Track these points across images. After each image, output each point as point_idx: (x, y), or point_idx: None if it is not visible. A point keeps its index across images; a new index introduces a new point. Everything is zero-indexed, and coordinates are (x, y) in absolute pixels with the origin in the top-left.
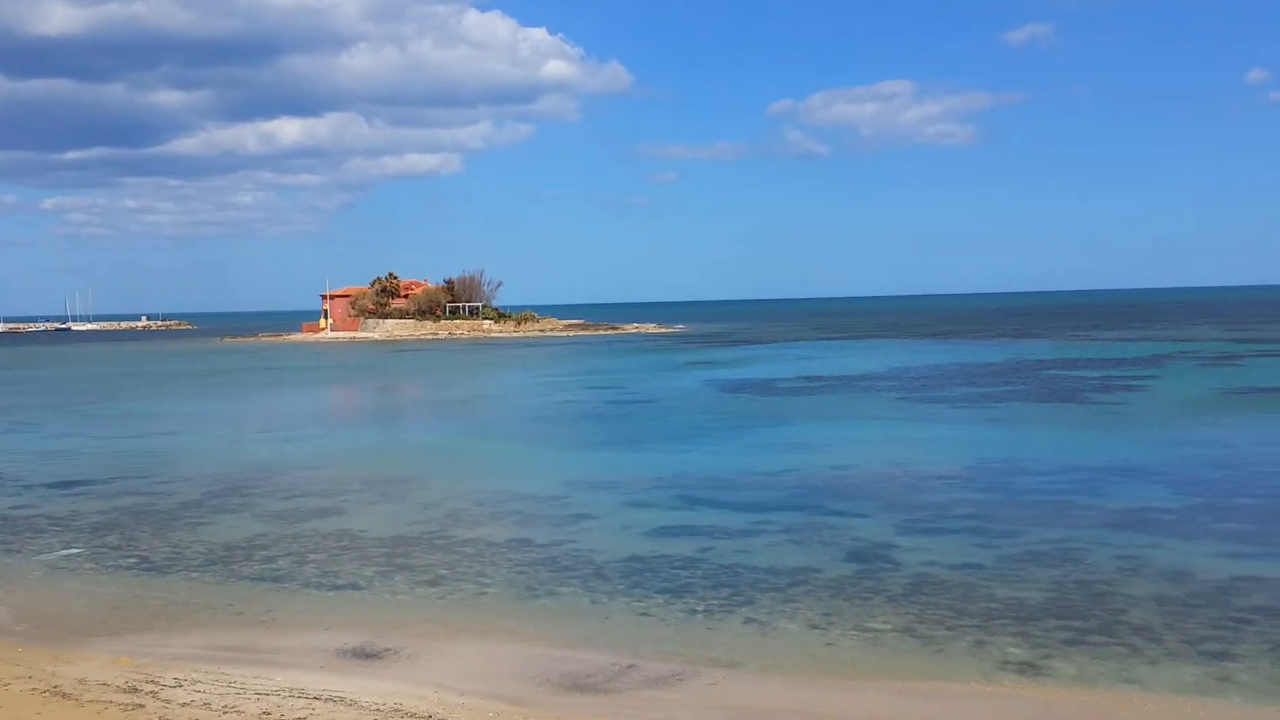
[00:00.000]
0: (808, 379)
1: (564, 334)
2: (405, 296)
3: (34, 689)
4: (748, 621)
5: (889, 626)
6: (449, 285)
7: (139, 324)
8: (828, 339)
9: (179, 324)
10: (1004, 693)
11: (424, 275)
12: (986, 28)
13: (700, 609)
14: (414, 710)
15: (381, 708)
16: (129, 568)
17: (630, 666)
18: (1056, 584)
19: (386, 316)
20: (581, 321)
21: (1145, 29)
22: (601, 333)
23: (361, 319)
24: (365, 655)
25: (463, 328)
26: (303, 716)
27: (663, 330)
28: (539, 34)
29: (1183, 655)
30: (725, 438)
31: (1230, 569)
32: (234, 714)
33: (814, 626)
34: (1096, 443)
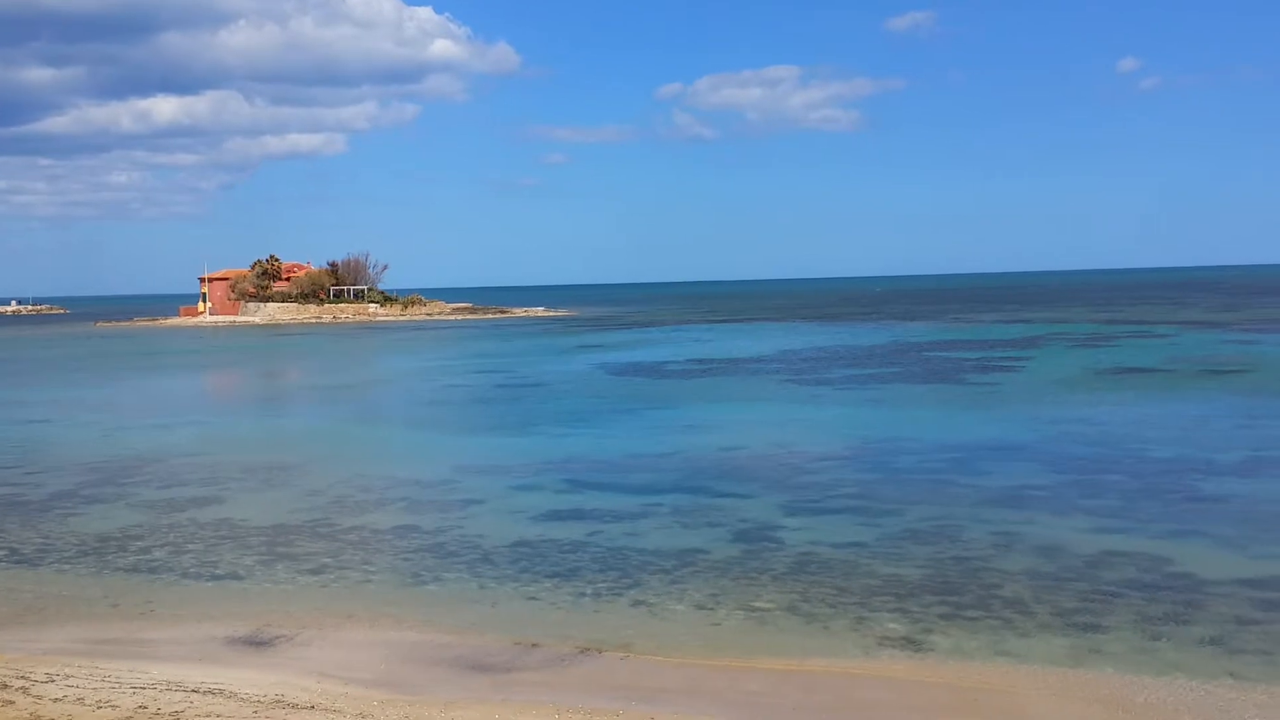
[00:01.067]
0: (697, 362)
1: (451, 317)
2: (288, 279)
3: None
4: (636, 604)
5: (774, 605)
6: (333, 268)
7: (9, 308)
8: (717, 322)
9: (52, 308)
10: (880, 673)
11: (307, 258)
12: (870, 14)
13: (589, 592)
14: (295, 701)
15: (262, 700)
16: None
17: (519, 651)
18: (934, 560)
19: (268, 300)
20: (469, 305)
21: (1023, 18)
22: (490, 316)
23: (242, 302)
24: (246, 646)
25: (347, 311)
26: (180, 710)
27: (552, 314)
28: (425, 13)
29: (1054, 628)
30: (614, 421)
31: (1099, 544)
32: (109, 708)
33: (701, 607)
34: (974, 422)
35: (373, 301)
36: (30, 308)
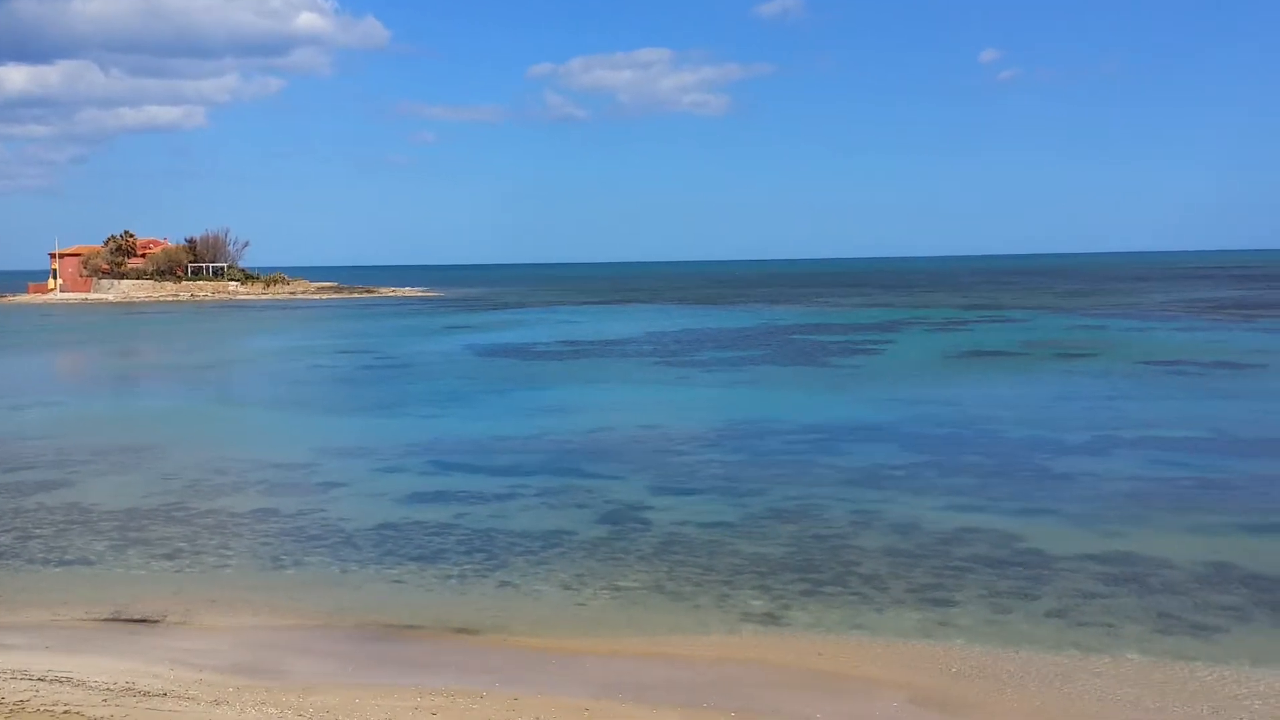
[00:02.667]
0: (567, 343)
1: (316, 297)
2: (143, 256)
3: None
4: (502, 585)
5: (640, 585)
6: (191, 244)
7: None
8: (588, 304)
9: None
10: (742, 648)
11: (165, 234)
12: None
13: (454, 574)
14: (147, 689)
15: (112, 687)
16: None
17: (382, 634)
18: (796, 539)
19: (123, 277)
20: (335, 284)
21: (890, 5)
22: (356, 296)
23: (95, 279)
24: (96, 634)
25: (206, 289)
26: (25, 699)
27: (421, 294)
28: None
29: (908, 602)
30: (483, 402)
31: (953, 521)
32: None
33: (567, 587)
34: (837, 404)
35: (233, 279)
36: None
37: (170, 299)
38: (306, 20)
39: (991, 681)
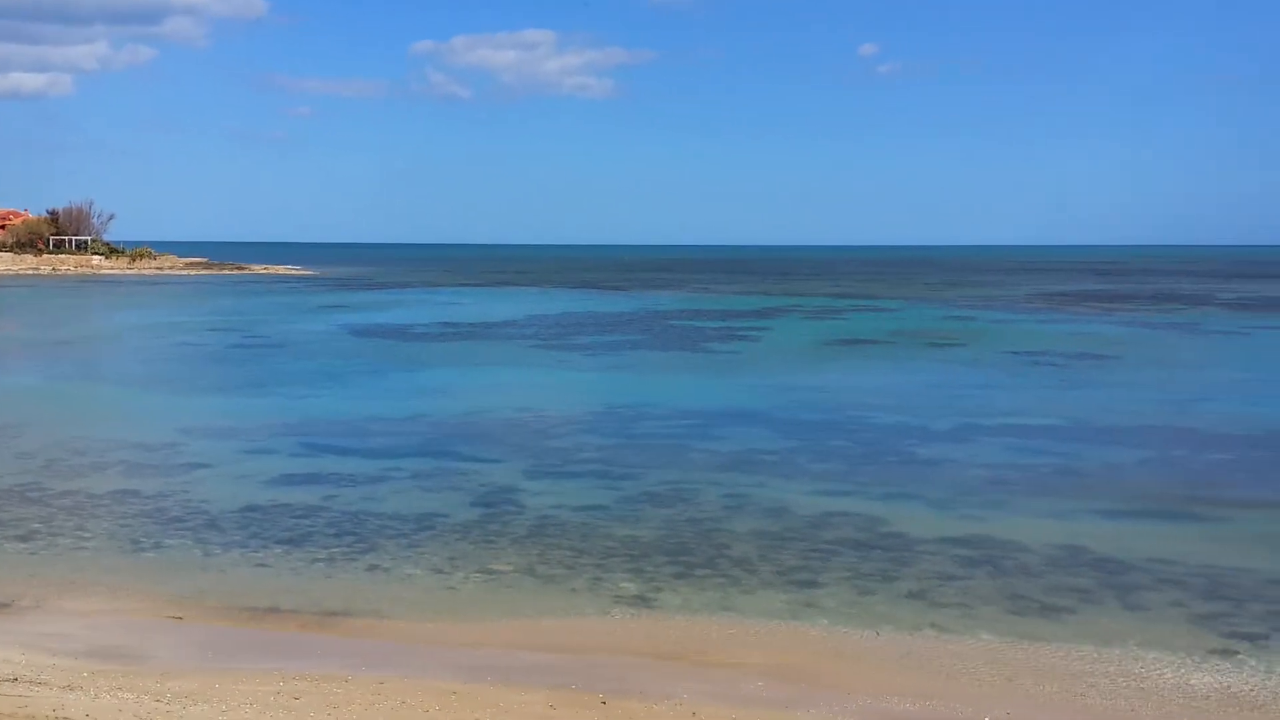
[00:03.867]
0: (446, 325)
1: (185, 273)
2: (2, 228)
3: None
4: (371, 568)
5: (512, 568)
6: (53, 216)
7: None
8: (468, 286)
9: None
10: (613, 630)
11: (25, 205)
12: None
13: (322, 557)
14: None
15: None
16: None
17: (245, 618)
18: (669, 522)
19: None
20: (205, 260)
21: None
22: (227, 273)
23: None
24: None
25: (68, 263)
26: None
27: (295, 272)
28: None
29: (776, 584)
30: (357, 383)
31: (822, 505)
32: None
33: (438, 571)
34: (713, 389)
35: (97, 253)
36: None
37: (30, 272)
38: None
39: (851, 661)
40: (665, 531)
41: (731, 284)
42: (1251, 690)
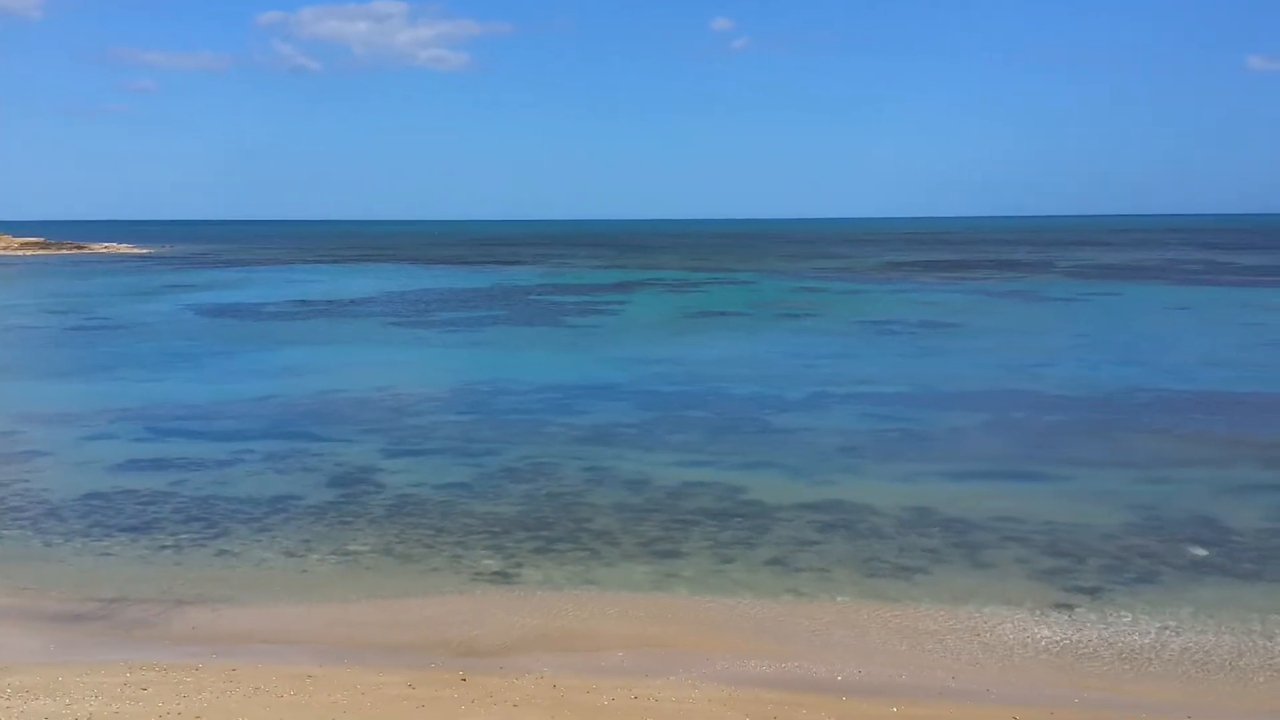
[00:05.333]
0: (297, 303)
1: (20, 253)
2: None
3: None
4: (221, 553)
5: (369, 548)
6: None
7: None
8: (321, 263)
9: None
10: (472, 606)
11: None
12: None
13: (170, 544)
14: None
15: None
16: None
17: (90, 608)
18: (530, 497)
19: None
20: (41, 240)
21: None
22: (65, 252)
23: None
24: None
25: None
26: None
27: (138, 251)
28: None
29: (637, 556)
30: (206, 364)
31: (681, 476)
32: None
33: (292, 554)
34: (572, 364)
35: None
36: None
37: None
38: None
39: (711, 629)
40: (526, 507)
41: (590, 258)
42: (1088, 641)
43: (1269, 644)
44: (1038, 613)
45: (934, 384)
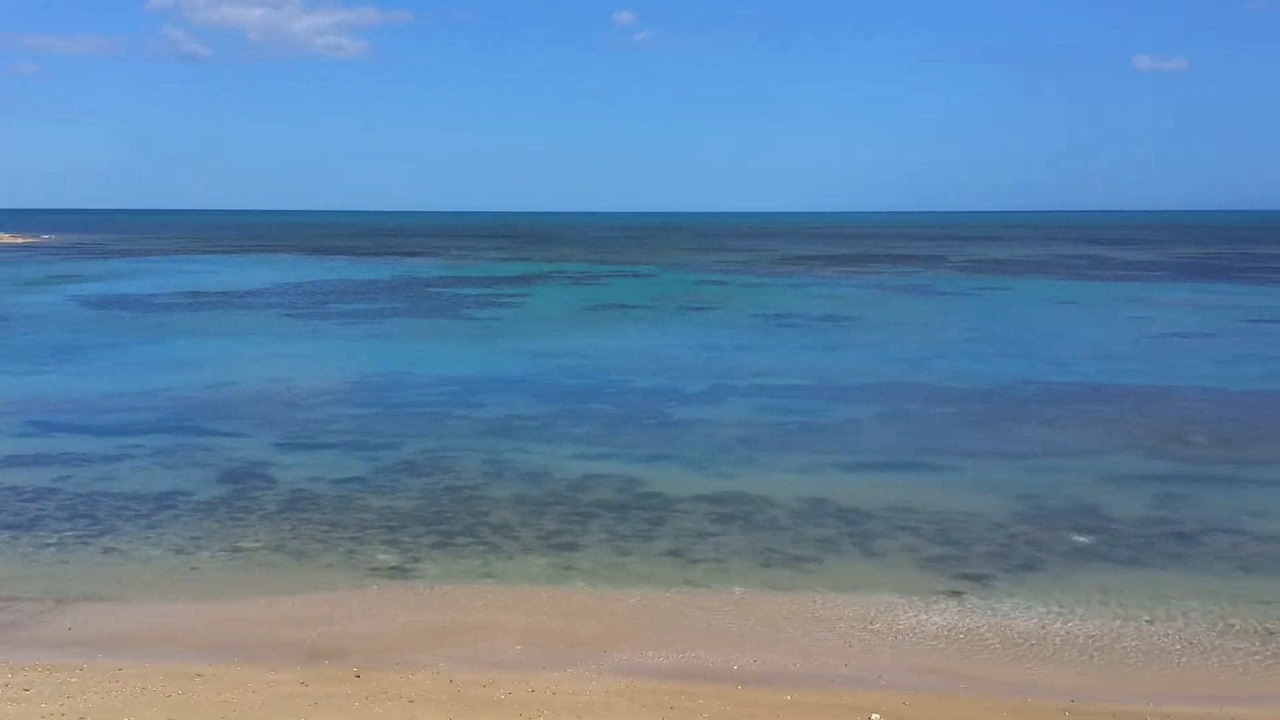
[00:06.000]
0: (190, 294)
1: None
2: None
3: None
4: (108, 551)
5: (261, 544)
6: None
7: None
8: (214, 253)
9: None
10: (368, 602)
11: None
12: None
13: (53, 542)
14: None
15: None
16: None
17: None
18: (428, 491)
19: None
20: None
21: None
22: None
23: None
24: None
25: None
26: None
27: (19, 240)
28: None
29: (536, 549)
30: (92, 357)
31: (581, 469)
32: None
33: (180, 551)
34: (473, 356)
35: None
36: None
37: None
38: None
39: (609, 621)
40: (423, 501)
41: (492, 250)
42: (975, 627)
43: (1148, 628)
44: (927, 600)
45: (831, 377)
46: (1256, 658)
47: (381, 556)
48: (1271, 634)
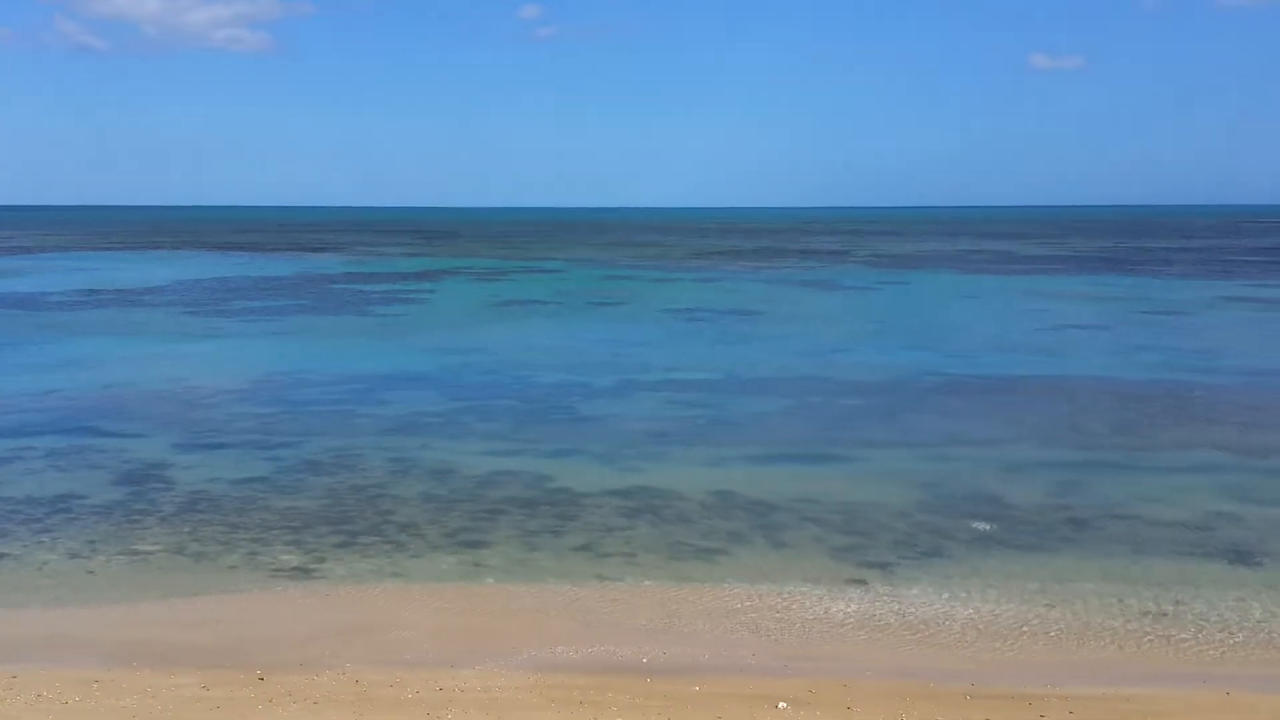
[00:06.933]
0: (87, 292)
1: None
2: None
3: None
4: (0, 556)
5: (160, 547)
6: None
7: None
8: (108, 250)
9: None
10: (270, 603)
11: None
12: None
13: None
14: None
15: None
16: None
17: None
18: (332, 491)
19: None
20: None
21: None
22: None
23: None
24: None
25: None
26: None
27: None
28: None
29: (443, 547)
30: None
31: (489, 465)
32: None
33: (75, 555)
34: (377, 353)
35: None
36: None
37: None
38: None
39: (518, 617)
40: (328, 500)
41: (398, 246)
42: (880, 614)
43: (1047, 611)
44: (834, 588)
45: (739, 370)
46: (1149, 638)
47: (285, 557)
48: (1164, 615)
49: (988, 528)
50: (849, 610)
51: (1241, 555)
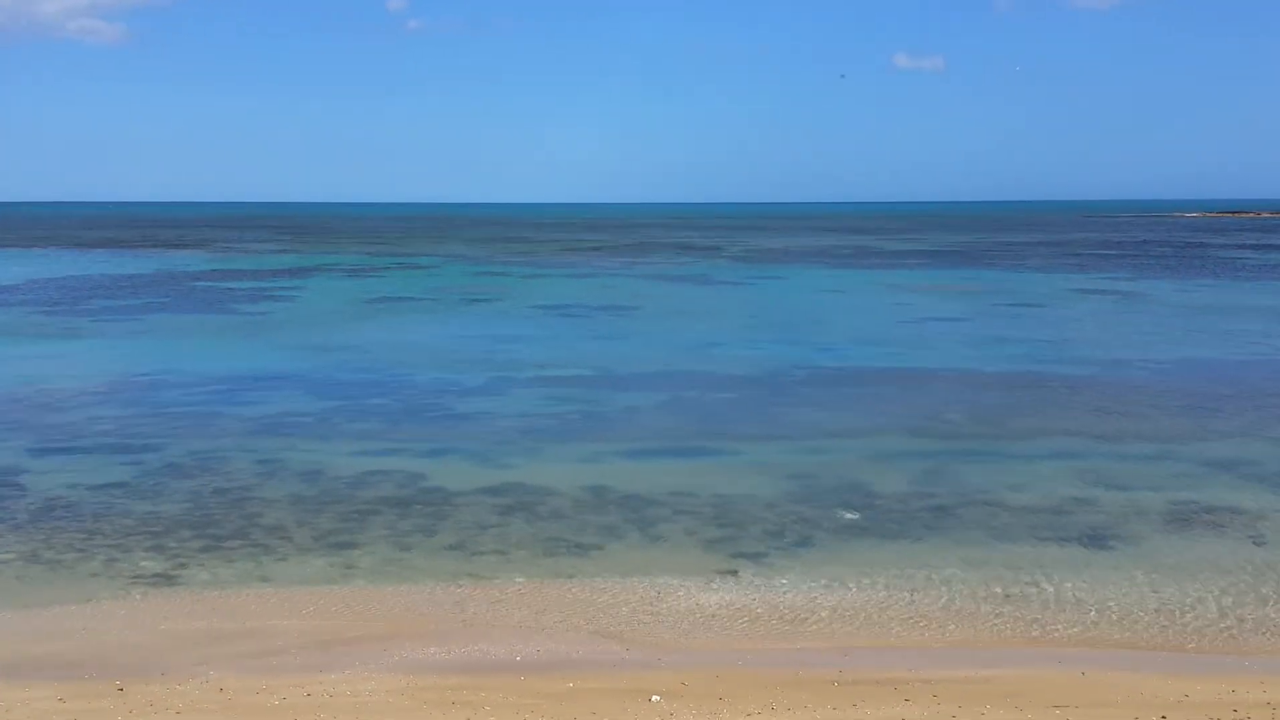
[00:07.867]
0: None
1: None
2: None
3: None
4: None
5: (13, 555)
6: None
7: None
8: None
9: None
10: (131, 611)
11: None
12: None
13: None
14: None
15: None
16: None
17: None
18: (195, 495)
19: None
20: None
21: None
22: None
23: None
24: None
25: None
26: None
27: None
28: None
29: (313, 549)
30: None
31: (360, 465)
32: None
33: None
34: (243, 352)
35: None
36: None
37: None
38: None
39: (390, 618)
40: (190, 504)
41: (263, 242)
42: (751, 604)
43: (910, 597)
44: (706, 580)
45: (612, 366)
46: (1009, 620)
47: (145, 564)
48: (1023, 597)
49: (855, 516)
50: (720, 601)
51: (1095, 539)
